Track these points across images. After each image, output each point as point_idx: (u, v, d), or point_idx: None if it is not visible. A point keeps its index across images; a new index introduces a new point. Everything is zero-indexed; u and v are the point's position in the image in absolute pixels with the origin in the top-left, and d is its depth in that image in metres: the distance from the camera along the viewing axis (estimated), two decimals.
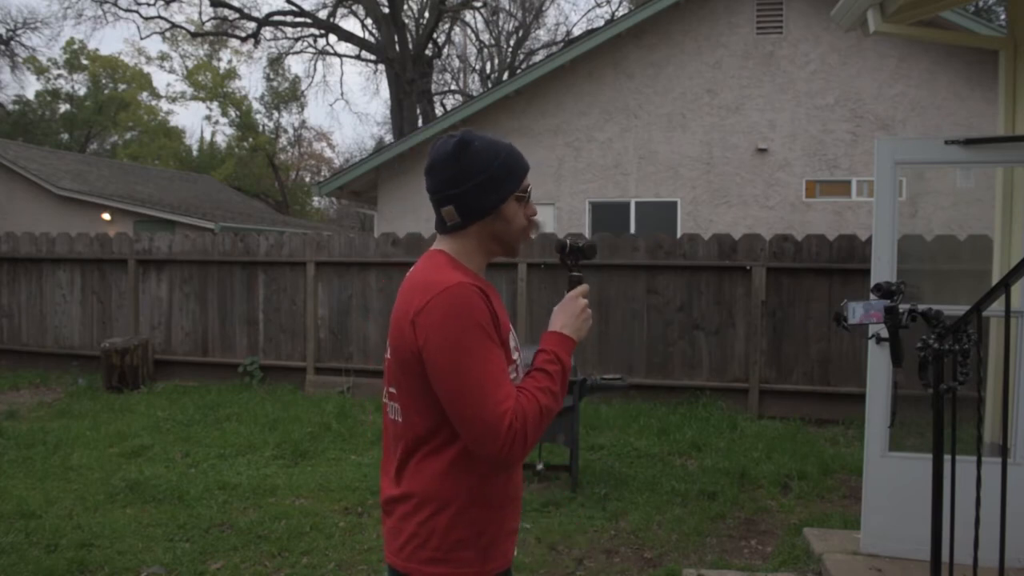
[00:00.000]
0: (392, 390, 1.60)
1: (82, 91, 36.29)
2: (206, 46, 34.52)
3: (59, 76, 35.86)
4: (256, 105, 38.65)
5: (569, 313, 1.62)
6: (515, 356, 1.60)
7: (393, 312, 1.58)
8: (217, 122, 48.61)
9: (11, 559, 3.87)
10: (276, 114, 38.84)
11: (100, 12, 28.50)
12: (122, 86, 36.94)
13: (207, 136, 52.62)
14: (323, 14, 26.05)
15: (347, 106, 66.21)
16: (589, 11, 53.30)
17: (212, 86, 36.86)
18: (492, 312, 1.49)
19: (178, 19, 39.29)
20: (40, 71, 34.84)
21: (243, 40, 28.89)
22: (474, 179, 1.55)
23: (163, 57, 41.89)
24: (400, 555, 1.56)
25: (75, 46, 35.13)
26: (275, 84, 37.38)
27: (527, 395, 1.47)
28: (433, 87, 27.16)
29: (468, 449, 1.49)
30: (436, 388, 1.47)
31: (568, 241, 1.71)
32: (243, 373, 8.37)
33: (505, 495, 1.60)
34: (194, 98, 38.00)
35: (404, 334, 1.50)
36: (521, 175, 1.60)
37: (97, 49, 38.33)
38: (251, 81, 64.68)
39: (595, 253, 1.77)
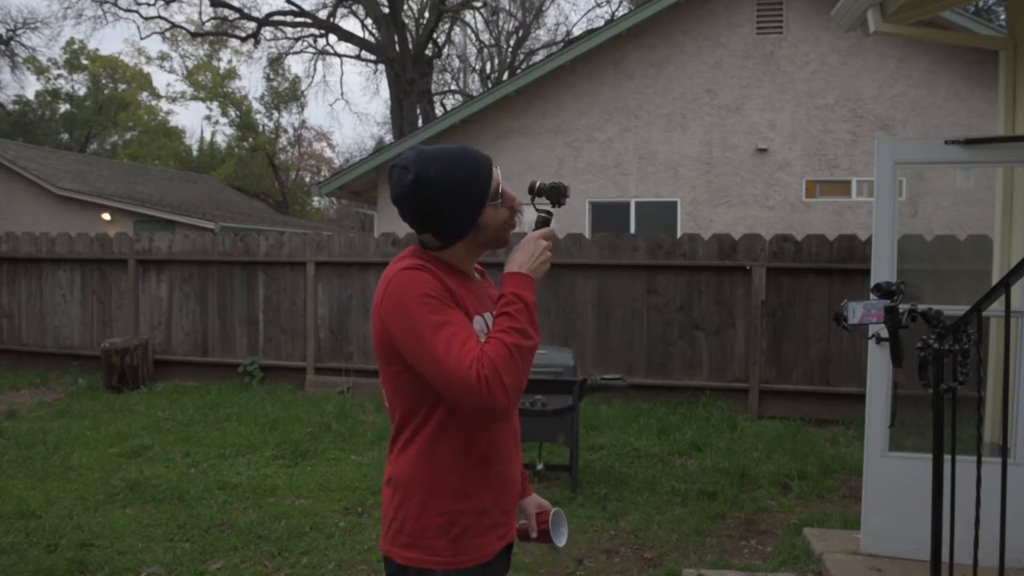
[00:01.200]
0: (381, 379, 1.67)
1: (82, 91, 36.30)
2: (206, 46, 34.53)
3: (59, 76, 35.89)
4: (256, 105, 38.70)
5: (527, 252, 1.61)
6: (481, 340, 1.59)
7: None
8: (217, 122, 48.67)
9: (11, 559, 3.87)
10: (276, 114, 38.88)
11: (100, 12, 28.53)
12: (122, 86, 36.93)
13: (207, 136, 52.67)
14: (323, 14, 26.06)
15: (347, 106, 66.31)
16: (589, 11, 53.32)
17: (212, 86, 36.85)
18: (441, 286, 1.53)
19: (178, 19, 39.32)
20: (40, 71, 34.84)
21: (243, 40, 28.90)
22: (444, 210, 1.57)
23: (163, 57, 41.95)
24: (385, 538, 1.63)
25: (75, 46, 35.14)
26: (275, 84, 37.40)
27: (491, 341, 1.47)
28: (433, 87, 27.17)
29: (438, 435, 1.56)
30: (412, 365, 1.52)
31: (536, 183, 1.68)
32: (243, 373, 8.37)
33: (483, 486, 1.61)
34: (194, 98, 38.02)
35: (375, 325, 1.59)
36: (485, 184, 1.59)
37: (97, 49, 38.37)
38: (251, 81, 64.75)
39: (559, 195, 1.67)
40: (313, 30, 27.12)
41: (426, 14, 25.94)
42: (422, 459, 1.58)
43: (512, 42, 30.04)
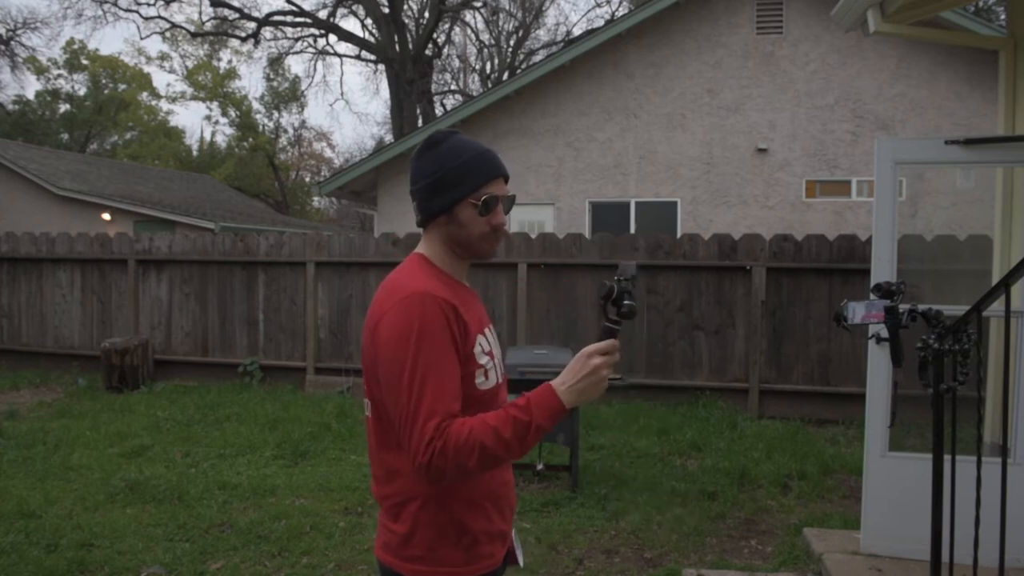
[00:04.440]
0: (366, 387, 1.61)
1: (82, 91, 36.28)
2: (206, 46, 34.54)
3: (59, 76, 35.87)
4: (256, 105, 38.67)
5: (575, 371, 1.45)
6: (483, 361, 1.56)
7: (368, 313, 1.58)
8: (217, 122, 48.69)
9: (11, 559, 3.87)
10: (276, 114, 38.85)
11: (100, 12, 28.57)
12: (122, 86, 36.91)
13: (207, 136, 52.66)
14: (323, 14, 26.05)
15: (347, 106, 66.27)
16: (589, 11, 53.31)
17: (212, 86, 36.83)
18: (455, 322, 1.48)
19: (178, 19, 39.37)
20: (40, 71, 34.83)
21: (243, 40, 28.89)
22: (428, 179, 1.59)
23: (163, 57, 41.95)
24: (386, 551, 1.57)
25: (75, 46, 35.13)
26: (275, 84, 37.38)
27: (469, 423, 1.40)
28: (433, 87, 27.14)
29: None
30: (382, 388, 1.48)
31: (614, 287, 1.52)
32: (243, 373, 8.37)
33: (488, 492, 1.58)
34: (194, 98, 37.98)
35: (371, 337, 1.52)
36: (479, 182, 1.57)
37: (97, 49, 38.38)
38: (251, 81, 64.70)
39: (631, 315, 1.51)
40: (313, 30, 27.12)
41: (426, 14, 25.93)
42: None
43: (512, 42, 30.05)
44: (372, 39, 26.20)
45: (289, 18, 26.30)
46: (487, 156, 1.60)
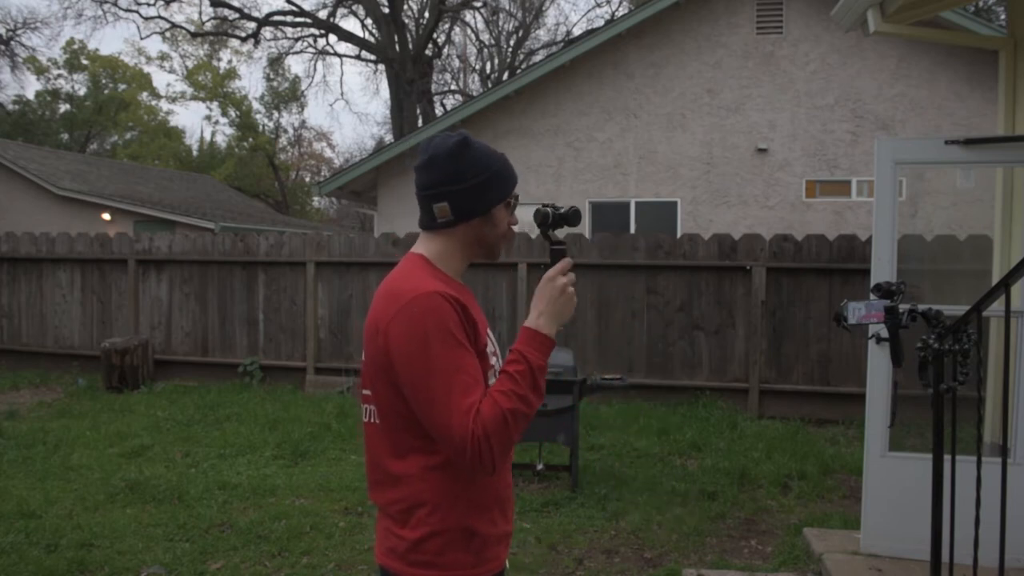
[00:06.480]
0: (368, 392, 1.59)
1: (82, 91, 36.26)
2: (206, 46, 34.51)
3: (59, 76, 35.85)
4: (256, 105, 38.64)
5: (546, 298, 1.53)
6: (493, 361, 1.58)
7: (368, 316, 1.56)
8: (217, 122, 48.66)
9: (11, 559, 3.87)
10: (276, 114, 38.82)
11: (100, 12, 28.50)
12: (122, 86, 36.89)
13: (207, 136, 52.64)
14: (323, 14, 26.03)
15: (347, 106, 66.28)
16: (589, 11, 53.31)
17: (212, 86, 36.81)
18: (466, 319, 1.49)
19: (178, 19, 39.36)
20: (40, 71, 34.81)
21: (243, 40, 28.88)
22: (475, 179, 1.56)
23: (163, 57, 41.87)
24: (391, 556, 1.55)
25: (75, 46, 35.10)
26: (275, 84, 37.35)
27: (487, 402, 1.42)
28: (433, 87, 27.13)
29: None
30: (407, 397, 1.47)
31: (549, 210, 1.60)
32: (243, 373, 8.37)
33: (494, 495, 1.58)
34: (194, 98, 37.96)
35: (377, 342, 1.50)
36: (514, 182, 1.63)
37: (97, 49, 38.32)
38: (251, 81, 64.75)
39: (579, 219, 1.62)
40: (313, 30, 27.10)
41: (426, 14, 25.92)
42: (437, 474, 1.51)
43: (512, 42, 30.04)
44: (372, 39, 26.19)
45: (289, 18, 26.29)
46: (509, 160, 1.66)
